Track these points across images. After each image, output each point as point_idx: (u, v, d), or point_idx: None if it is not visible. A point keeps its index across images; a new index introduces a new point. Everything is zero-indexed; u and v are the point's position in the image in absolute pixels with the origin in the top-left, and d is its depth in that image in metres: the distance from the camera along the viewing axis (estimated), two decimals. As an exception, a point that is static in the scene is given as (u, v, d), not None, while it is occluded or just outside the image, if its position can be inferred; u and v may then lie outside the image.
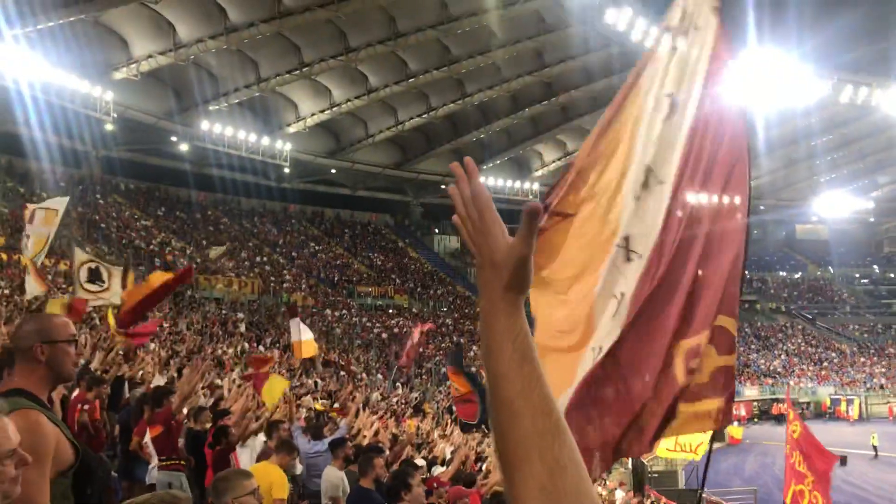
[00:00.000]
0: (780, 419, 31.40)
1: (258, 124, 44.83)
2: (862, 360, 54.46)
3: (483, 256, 1.24)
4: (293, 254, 48.21)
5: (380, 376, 33.29)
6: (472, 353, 40.21)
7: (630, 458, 23.02)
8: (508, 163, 57.81)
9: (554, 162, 59.15)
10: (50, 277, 22.10)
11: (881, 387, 49.75)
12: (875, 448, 31.30)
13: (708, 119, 4.03)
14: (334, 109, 46.21)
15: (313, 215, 55.19)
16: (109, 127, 38.31)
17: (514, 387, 1.16)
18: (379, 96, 45.96)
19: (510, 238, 1.23)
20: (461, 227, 1.28)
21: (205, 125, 41.76)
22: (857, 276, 69.24)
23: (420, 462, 10.36)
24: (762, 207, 62.75)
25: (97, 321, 16.78)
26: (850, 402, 45.18)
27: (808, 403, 46.25)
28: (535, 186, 57.23)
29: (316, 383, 23.06)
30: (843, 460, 28.84)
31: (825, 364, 53.07)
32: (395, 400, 25.21)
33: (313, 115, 46.42)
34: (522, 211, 1.20)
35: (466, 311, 48.66)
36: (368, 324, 42.25)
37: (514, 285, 1.21)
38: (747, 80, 48.59)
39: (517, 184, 56.48)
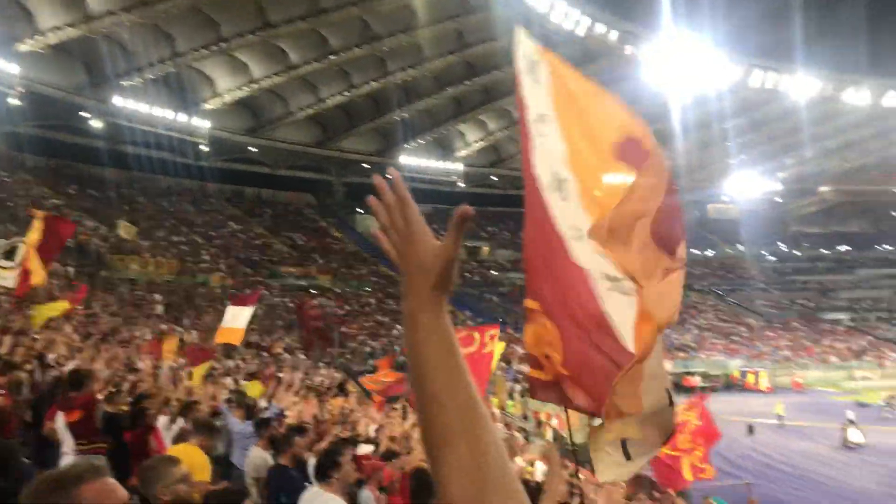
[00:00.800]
0: (690, 392, 32.58)
1: (174, 101, 43.52)
2: (769, 333, 56.84)
3: (410, 263, 1.28)
4: (211, 233, 47.15)
5: (302, 356, 33.02)
6: (395, 332, 40.32)
7: (552, 430, 23.54)
8: (432, 143, 57.79)
9: (477, 142, 59.46)
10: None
11: (786, 359, 52.05)
12: (780, 417, 32.73)
13: None
14: (253, 86, 45.28)
15: (233, 194, 54.00)
16: (15, 101, 36.59)
17: (439, 378, 1.24)
18: (299, 73, 45.29)
19: (437, 241, 1.28)
20: (383, 238, 1.31)
21: (118, 101, 40.32)
22: (765, 253, 72.04)
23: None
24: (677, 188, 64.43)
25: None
26: (757, 374, 47.05)
27: (719, 376, 47.97)
28: (458, 167, 57.46)
29: (237, 365, 22.75)
30: (751, 429, 30.22)
31: (735, 338, 55.16)
32: (318, 380, 25.06)
33: (230, 91, 45.38)
34: (453, 213, 1.25)
35: (390, 290, 48.59)
36: (291, 304, 41.75)
37: (440, 285, 1.27)
38: (663, 63, 49.87)
39: (440, 164, 56.56)
